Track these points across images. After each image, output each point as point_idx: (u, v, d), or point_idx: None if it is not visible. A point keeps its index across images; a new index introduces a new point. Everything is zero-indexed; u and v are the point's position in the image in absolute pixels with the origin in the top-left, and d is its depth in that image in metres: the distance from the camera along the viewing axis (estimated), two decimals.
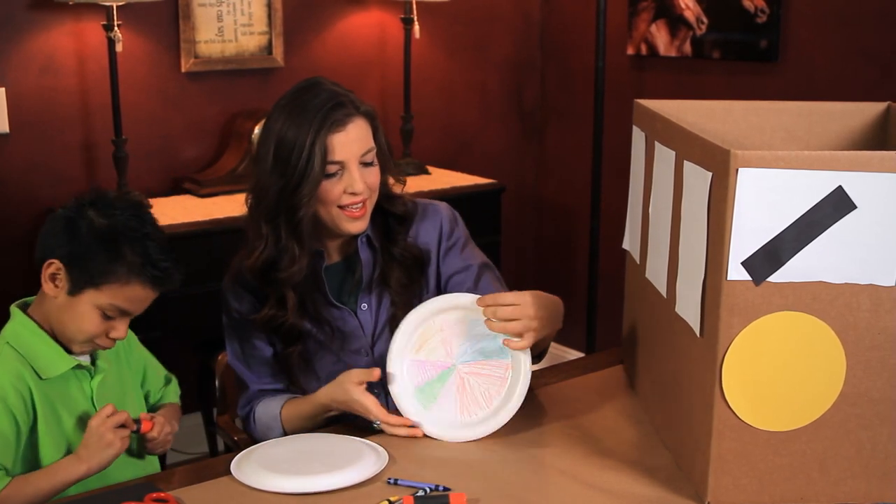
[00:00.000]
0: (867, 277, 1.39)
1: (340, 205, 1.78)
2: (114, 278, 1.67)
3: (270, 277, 1.81)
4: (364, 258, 1.88)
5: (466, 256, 1.94)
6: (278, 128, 1.76)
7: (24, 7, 2.90)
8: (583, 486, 1.54)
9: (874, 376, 1.42)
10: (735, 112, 1.83)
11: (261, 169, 1.78)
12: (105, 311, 1.69)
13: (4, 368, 1.66)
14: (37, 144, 2.97)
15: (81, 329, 1.69)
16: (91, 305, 1.68)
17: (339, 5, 3.46)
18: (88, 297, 1.67)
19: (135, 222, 1.70)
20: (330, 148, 1.74)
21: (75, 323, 1.69)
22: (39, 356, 1.69)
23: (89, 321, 1.69)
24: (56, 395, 1.70)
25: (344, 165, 1.77)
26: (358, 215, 1.80)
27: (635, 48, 3.57)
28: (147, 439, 1.77)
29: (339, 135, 1.75)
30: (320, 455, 1.62)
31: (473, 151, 3.88)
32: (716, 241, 1.40)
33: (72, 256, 1.67)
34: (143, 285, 1.70)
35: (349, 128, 1.76)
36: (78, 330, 1.69)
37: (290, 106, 1.77)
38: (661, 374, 1.69)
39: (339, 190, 1.77)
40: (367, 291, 1.89)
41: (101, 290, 1.67)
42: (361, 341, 1.89)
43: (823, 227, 1.37)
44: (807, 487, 1.46)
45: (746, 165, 1.35)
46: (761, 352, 1.41)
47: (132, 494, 1.51)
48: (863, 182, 1.35)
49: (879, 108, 1.81)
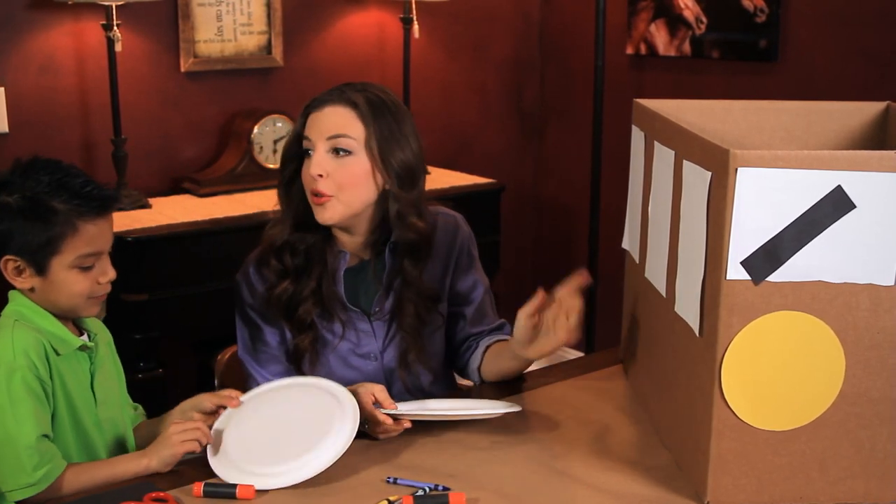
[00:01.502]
0: (866, 277, 1.39)
1: (310, 190, 1.80)
2: (64, 235, 1.65)
3: (295, 248, 1.84)
4: (389, 264, 1.87)
5: (475, 277, 2.00)
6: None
7: (23, 7, 2.90)
8: (582, 485, 1.54)
9: (873, 376, 1.42)
10: (734, 112, 1.83)
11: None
12: (80, 266, 1.67)
13: (26, 339, 1.63)
14: (36, 144, 2.97)
15: (73, 294, 1.68)
16: (65, 270, 1.66)
17: (338, 5, 3.46)
18: (57, 266, 1.66)
19: (43, 176, 1.67)
20: (306, 125, 1.81)
21: (64, 293, 1.67)
22: (50, 334, 1.67)
23: (74, 283, 1.67)
24: (66, 372, 1.68)
25: (312, 145, 1.79)
26: (318, 202, 1.78)
27: (634, 48, 3.57)
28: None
29: (314, 114, 1.81)
30: (292, 433, 1.62)
31: (473, 151, 3.88)
32: (715, 240, 1.40)
33: (18, 245, 1.66)
34: (93, 222, 1.67)
35: (326, 109, 1.80)
36: (70, 296, 1.68)
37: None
38: (661, 373, 1.69)
39: (307, 171, 1.80)
40: (384, 296, 1.87)
41: (63, 252, 1.65)
42: (371, 346, 1.88)
43: (823, 227, 1.37)
44: (806, 487, 1.46)
45: (746, 165, 1.35)
46: (761, 351, 1.41)
47: (131, 494, 1.51)
48: (862, 182, 1.35)
49: (879, 107, 1.81)
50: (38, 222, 1.64)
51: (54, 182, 1.66)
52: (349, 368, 1.87)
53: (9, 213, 1.65)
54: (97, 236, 1.68)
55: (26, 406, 1.59)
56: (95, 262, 1.69)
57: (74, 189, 1.67)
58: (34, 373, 1.61)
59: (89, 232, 1.67)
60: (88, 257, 1.68)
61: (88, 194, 1.67)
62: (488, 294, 2.01)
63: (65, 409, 1.67)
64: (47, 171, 1.68)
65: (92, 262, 1.69)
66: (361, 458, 1.63)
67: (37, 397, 1.61)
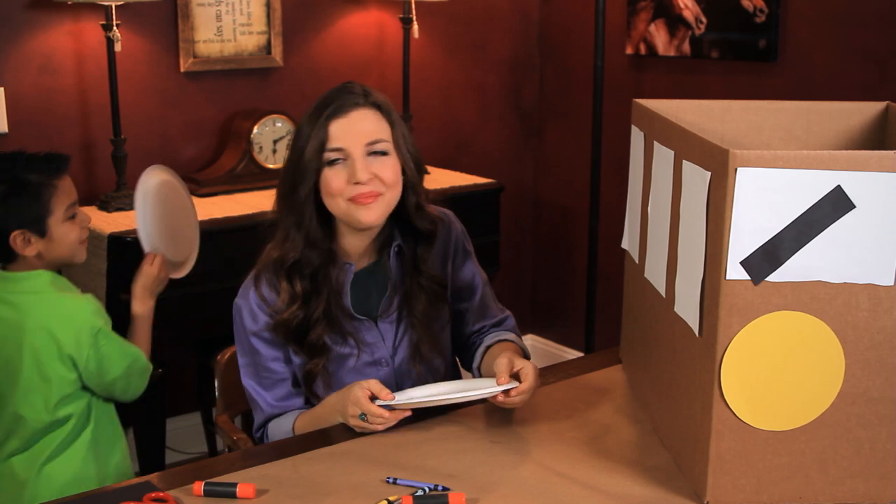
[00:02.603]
0: (866, 277, 1.39)
1: (349, 197, 1.77)
2: (50, 196, 2.09)
3: (302, 273, 1.81)
4: (394, 267, 1.87)
5: (473, 270, 1.99)
6: (299, 125, 1.83)
7: (22, 6, 2.90)
8: (581, 485, 1.54)
9: (873, 375, 1.42)
10: (734, 111, 1.83)
11: (286, 166, 1.84)
12: (69, 216, 2.13)
13: (70, 296, 2.15)
14: (36, 144, 2.96)
15: (71, 241, 2.14)
16: (59, 225, 2.11)
17: (337, 5, 3.46)
18: (54, 224, 2.11)
19: (4, 164, 2.10)
20: (330, 134, 1.75)
21: (65, 243, 2.14)
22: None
23: (70, 231, 2.14)
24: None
25: (346, 154, 1.76)
26: (367, 202, 1.77)
27: (634, 48, 3.57)
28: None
29: (339, 121, 1.76)
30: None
31: (472, 151, 3.88)
32: (715, 240, 1.40)
33: (18, 220, 2.07)
34: (62, 178, 2.12)
35: (351, 115, 1.77)
36: (70, 244, 2.14)
37: (318, 99, 1.82)
38: (660, 373, 1.69)
39: (343, 180, 1.76)
40: (390, 301, 1.87)
41: (54, 212, 2.10)
42: (382, 352, 1.87)
43: (822, 227, 1.37)
44: (806, 487, 1.46)
45: (745, 165, 1.35)
46: (760, 351, 1.41)
47: (131, 494, 1.51)
48: (861, 182, 1.36)
49: (878, 107, 1.81)
50: (25, 196, 2.07)
51: (18, 163, 2.09)
52: (361, 377, 1.85)
53: (2, 200, 2.06)
54: (70, 188, 2.13)
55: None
56: (76, 210, 2.15)
57: (37, 160, 2.11)
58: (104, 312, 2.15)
59: (64, 187, 2.12)
60: (71, 207, 2.13)
61: (49, 159, 2.12)
62: (488, 287, 2.02)
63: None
64: (6, 159, 2.11)
65: (74, 211, 2.14)
66: (361, 458, 1.63)
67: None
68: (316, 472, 1.60)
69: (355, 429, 1.70)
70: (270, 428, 1.86)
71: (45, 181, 2.08)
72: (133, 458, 3.09)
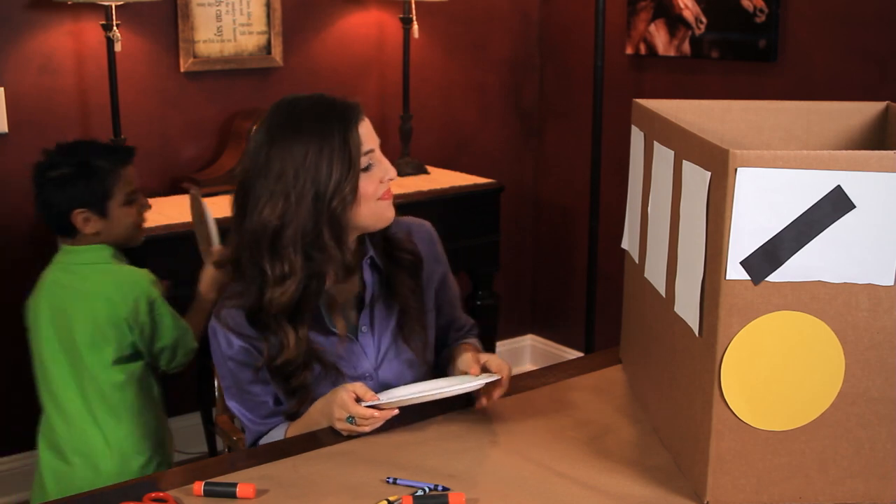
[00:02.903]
0: (866, 277, 1.39)
1: (379, 196, 1.78)
2: (115, 182, 2.30)
3: (297, 310, 1.73)
4: (368, 279, 1.85)
5: (447, 271, 1.99)
6: (290, 145, 1.70)
7: (22, 6, 2.90)
8: (581, 485, 1.54)
9: (873, 375, 1.42)
10: (734, 111, 1.83)
11: (275, 196, 1.70)
12: (128, 201, 2.33)
13: (128, 267, 2.36)
14: (35, 144, 2.96)
15: (128, 224, 2.35)
16: (118, 207, 2.32)
17: (337, 5, 3.46)
18: (114, 207, 2.31)
19: (81, 147, 2.35)
20: (362, 139, 1.75)
21: (121, 225, 2.34)
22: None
23: (127, 215, 2.35)
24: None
25: (373, 155, 1.78)
26: (391, 197, 1.81)
27: (634, 48, 3.57)
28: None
29: (362, 125, 1.77)
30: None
31: (472, 151, 3.88)
32: (715, 240, 1.40)
33: (81, 201, 2.28)
34: (124, 166, 2.33)
35: (366, 119, 1.80)
36: (127, 227, 2.35)
37: (292, 121, 1.72)
38: (660, 373, 1.69)
39: (376, 181, 1.77)
40: (368, 312, 1.86)
41: (115, 196, 2.31)
42: (365, 366, 1.86)
43: (822, 227, 1.37)
44: (805, 487, 1.46)
45: (745, 165, 1.35)
46: (760, 351, 1.41)
47: (131, 494, 1.51)
48: (861, 182, 1.36)
49: (878, 107, 1.81)
50: (92, 180, 2.28)
51: (89, 149, 2.33)
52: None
53: (70, 180, 2.27)
54: (132, 177, 2.35)
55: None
56: (136, 196, 2.36)
57: (107, 149, 2.37)
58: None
59: (127, 175, 2.33)
60: (131, 194, 2.34)
61: (115, 149, 2.39)
62: (457, 298, 2.05)
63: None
64: (80, 145, 2.37)
65: (133, 197, 2.35)
66: (361, 459, 1.63)
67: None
68: (316, 472, 1.60)
69: (342, 432, 1.70)
70: (262, 442, 1.84)
71: (111, 168, 2.30)
72: None
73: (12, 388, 3.05)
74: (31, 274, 3.07)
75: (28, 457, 3.12)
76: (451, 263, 2.03)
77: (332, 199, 1.71)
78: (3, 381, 3.03)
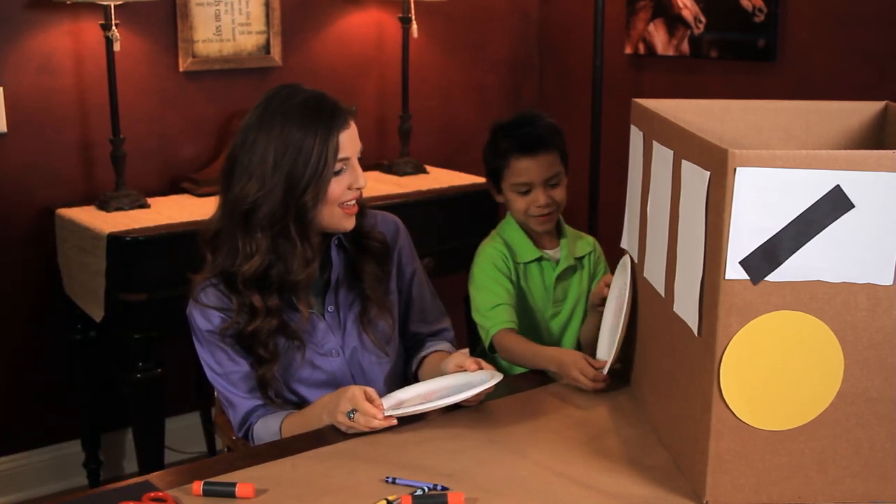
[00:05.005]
0: (865, 276, 1.39)
1: (342, 202, 1.83)
2: (513, 159, 2.17)
3: (264, 284, 1.82)
4: (335, 260, 1.91)
5: (414, 267, 2.04)
6: (276, 133, 1.77)
7: (21, 6, 2.90)
8: (580, 485, 1.54)
9: (872, 375, 1.42)
10: (733, 111, 1.83)
11: (254, 177, 1.78)
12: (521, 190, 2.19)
13: (495, 249, 2.18)
14: (35, 144, 2.97)
15: (519, 208, 2.19)
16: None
17: (337, 4, 3.46)
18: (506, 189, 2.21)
19: (508, 124, 2.22)
20: (341, 145, 1.80)
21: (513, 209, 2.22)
22: (516, 245, 2.20)
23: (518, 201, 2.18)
24: (525, 276, 2.19)
25: (348, 162, 1.82)
26: (354, 211, 1.86)
27: (633, 47, 3.57)
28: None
29: (346, 132, 1.81)
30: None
31: (471, 151, 3.87)
32: (714, 240, 1.40)
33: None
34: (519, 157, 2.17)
35: (352, 127, 1.84)
36: (518, 211, 2.19)
37: (283, 110, 1.79)
38: (660, 373, 1.69)
39: (344, 187, 1.82)
40: (333, 293, 1.92)
41: (506, 179, 2.21)
42: (332, 342, 1.91)
43: (821, 227, 1.37)
44: (805, 486, 1.46)
45: (744, 165, 1.35)
46: (759, 351, 1.41)
47: (130, 494, 1.51)
48: (861, 181, 1.36)
49: (877, 107, 1.81)
50: (500, 154, 2.21)
51: (515, 126, 2.21)
52: (314, 369, 1.91)
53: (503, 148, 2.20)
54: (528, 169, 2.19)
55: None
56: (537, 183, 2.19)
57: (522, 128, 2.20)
58: (498, 271, 2.17)
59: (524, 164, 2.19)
60: (528, 183, 2.20)
61: (521, 131, 2.19)
62: (432, 295, 2.09)
63: (522, 301, 2.19)
64: (517, 121, 2.23)
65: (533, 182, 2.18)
66: (360, 458, 1.63)
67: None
68: (315, 471, 1.60)
69: (340, 427, 1.72)
70: (257, 429, 1.87)
71: (507, 152, 2.21)
72: (132, 458, 3.10)
73: (12, 388, 3.05)
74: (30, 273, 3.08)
75: (28, 457, 3.12)
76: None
77: (300, 196, 1.78)
78: (3, 381, 3.03)
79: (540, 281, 2.20)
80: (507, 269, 2.16)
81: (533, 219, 2.17)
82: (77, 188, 3.05)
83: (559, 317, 2.22)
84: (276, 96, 1.82)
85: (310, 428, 1.78)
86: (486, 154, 2.25)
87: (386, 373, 1.97)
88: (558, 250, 2.22)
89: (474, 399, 1.77)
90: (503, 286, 2.13)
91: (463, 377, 1.80)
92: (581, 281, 2.24)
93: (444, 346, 2.06)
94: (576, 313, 2.23)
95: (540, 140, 2.15)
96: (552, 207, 2.17)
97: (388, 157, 3.57)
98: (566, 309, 2.23)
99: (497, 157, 2.19)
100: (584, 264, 2.25)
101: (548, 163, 2.16)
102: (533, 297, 2.20)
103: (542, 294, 2.20)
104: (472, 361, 1.82)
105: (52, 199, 3.00)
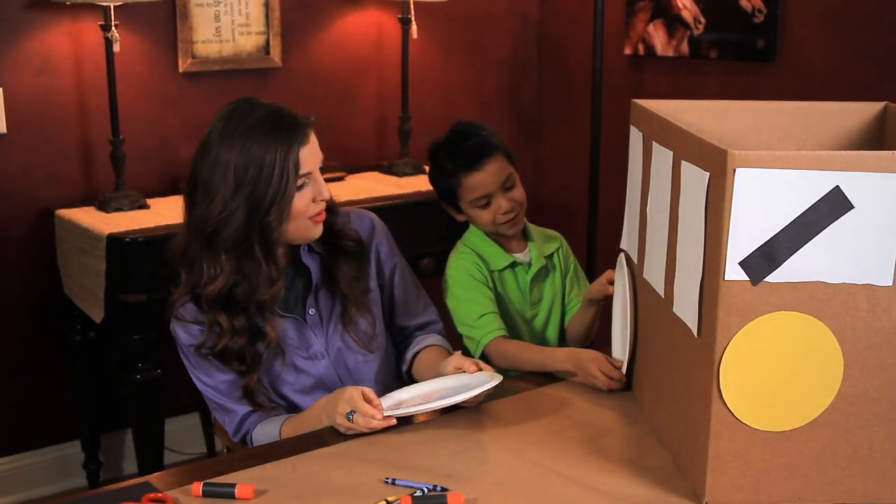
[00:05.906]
0: (864, 277, 1.39)
1: (310, 215, 1.83)
2: (463, 177, 2.14)
3: (229, 304, 1.81)
4: (310, 265, 1.91)
5: (394, 262, 2.04)
6: (234, 155, 1.77)
7: (21, 7, 2.90)
8: (580, 485, 1.54)
9: (871, 376, 1.42)
10: (732, 112, 1.83)
11: (217, 197, 1.77)
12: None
13: (468, 259, 2.14)
14: (34, 144, 2.97)
15: (485, 221, 2.15)
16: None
17: (336, 5, 3.46)
18: (466, 208, 2.18)
19: (446, 143, 2.20)
20: (302, 161, 1.80)
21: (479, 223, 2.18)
22: (487, 254, 2.17)
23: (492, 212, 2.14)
24: (500, 283, 2.18)
25: (310, 176, 1.82)
26: (321, 218, 1.86)
27: (633, 48, 3.57)
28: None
29: (305, 147, 1.81)
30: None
31: None
32: (713, 241, 1.40)
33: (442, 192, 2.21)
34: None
35: (311, 140, 1.83)
36: (486, 224, 2.16)
37: (240, 130, 1.79)
38: (659, 373, 1.69)
39: (308, 200, 1.82)
40: (313, 296, 1.92)
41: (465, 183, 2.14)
42: (317, 345, 1.92)
43: (821, 227, 1.37)
44: (804, 487, 1.46)
45: (744, 165, 1.35)
46: (759, 352, 1.41)
47: (130, 495, 1.51)
48: (860, 182, 1.36)
49: (877, 107, 1.81)
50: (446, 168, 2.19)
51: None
52: (300, 373, 1.91)
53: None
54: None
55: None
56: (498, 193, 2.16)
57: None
58: (474, 280, 2.14)
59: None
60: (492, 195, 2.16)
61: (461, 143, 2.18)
62: (416, 288, 2.09)
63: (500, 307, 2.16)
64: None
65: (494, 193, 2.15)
66: (360, 459, 1.63)
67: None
68: (314, 472, 1.60)
69: (339, 428, 1.72)
70: (256, 434, 1.87)
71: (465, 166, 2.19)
72: (131, 459, 3.10)
73: (12, 388, 3.05)
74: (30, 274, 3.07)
75: (28, 457, 3.12)
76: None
77: (264, 216, 1.78)
78: (3, 381, 3.03)
79: (515, 286, 2.20)
80: (484, 277, 2.15)
81: (502, 226, 2.15)
82: (77, 189, 3.05)
83: (538, 317, 2.23)
84: (236, 112, 1.81)
85: (309, 430, 1.78)
86: (434, 179, 2.23)
87: (374, 371, 1.97)
88: (527, 252, 2.21)
89: (474, 400, 1.77)
90: (485, 295, 2.13)
91: (463, 378, 1.80)
92: (554, 281, 2.25)
93: (433, 339, 2.06)
94: (553, 312, 2.24)
95: (483, 150, 2.13)
96: (517, 209, 2.16)
97: (388, 158, 3.57)
98: (543, 309, 2.23)
99: (446, 178, 2.17)
100: (555, 263, 2.25)
101: (497, 169, 2.13)
102: (511, 301, 2.19)
103: (519, 298, 2.20)
104: (471, 363, 1.82)
105: (52, 199, 3.00)
